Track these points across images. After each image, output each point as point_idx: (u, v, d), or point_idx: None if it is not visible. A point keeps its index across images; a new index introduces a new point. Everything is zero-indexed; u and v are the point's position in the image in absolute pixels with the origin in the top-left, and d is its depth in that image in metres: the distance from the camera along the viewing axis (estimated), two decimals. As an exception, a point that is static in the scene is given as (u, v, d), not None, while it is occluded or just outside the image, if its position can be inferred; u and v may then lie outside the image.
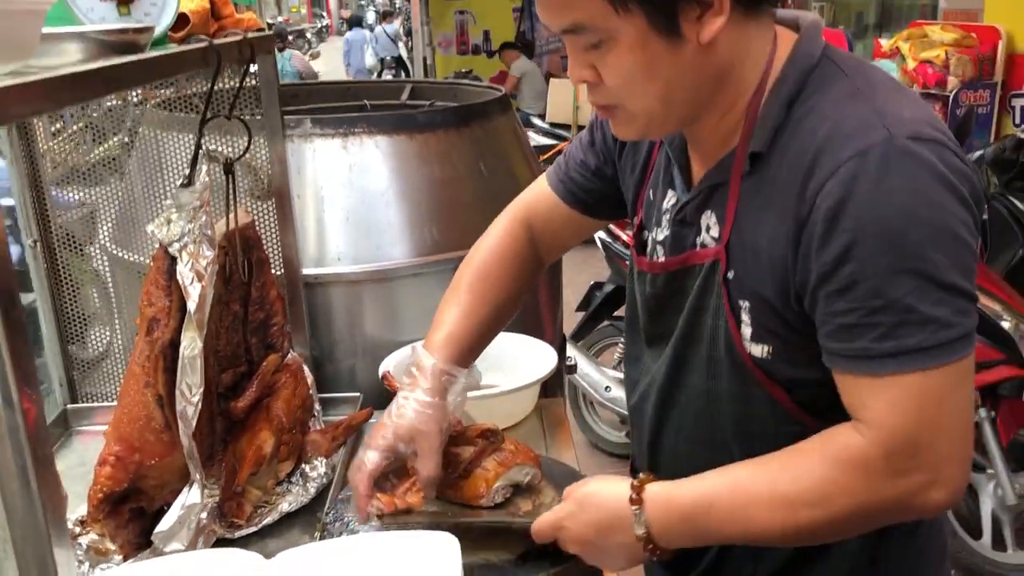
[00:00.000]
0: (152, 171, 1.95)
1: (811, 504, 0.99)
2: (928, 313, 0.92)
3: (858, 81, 1.02)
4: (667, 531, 1.07)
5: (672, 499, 1.06)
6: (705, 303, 1.13)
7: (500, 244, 1.42)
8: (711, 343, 1.13)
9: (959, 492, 0.98)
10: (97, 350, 1.94)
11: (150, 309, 1.32)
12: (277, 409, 1.55)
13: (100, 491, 1.31)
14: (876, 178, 0.92)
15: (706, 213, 1.12)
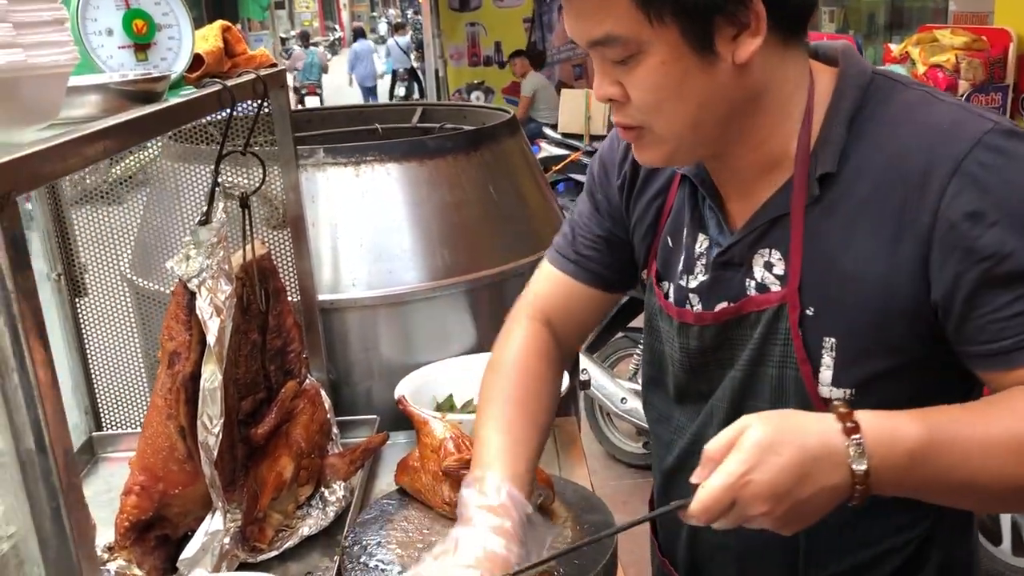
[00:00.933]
0: (170, 202, 2.00)
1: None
2: None
3: (918, 89, 1.01)
4: (889, 470, 0.87)
5: (897, 431, 0.88)
6: (768, 352, 1.06)
7: (527, 356, 1.26)
8: (775, 393, 1.06)
9: None
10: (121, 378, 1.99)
11: (171, 343, 1.37)
12: (296, 435, 1.59)
13: (126, 519, 1.36)
14: (1006, 162, 0.91)
15: (762, 252, 1.05)
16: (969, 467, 0.89)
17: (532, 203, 2.23)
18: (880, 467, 0.87)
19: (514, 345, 1.29)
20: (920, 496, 0.95)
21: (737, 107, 1.00)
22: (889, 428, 0.88)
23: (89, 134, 0.87)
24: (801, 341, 1.02)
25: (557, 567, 1.27)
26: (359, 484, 1.64)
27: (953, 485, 0.91)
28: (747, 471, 0.86)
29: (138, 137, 0.98)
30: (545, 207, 2.29)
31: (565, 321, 1.32)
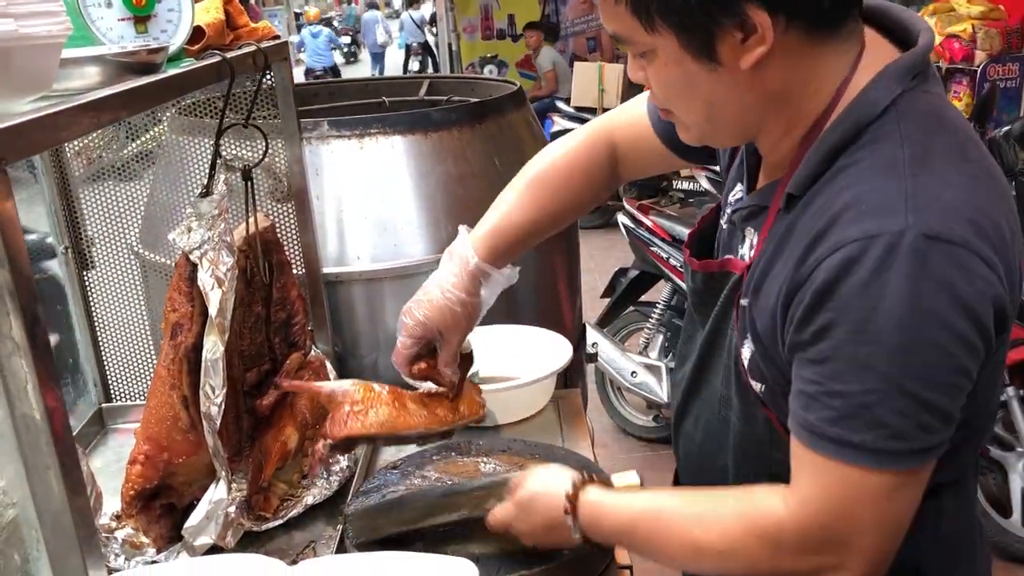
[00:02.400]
0: (176, 175, 2.01)
1: (716, 555, 1.02)
2: (883, 418, 0.89)
3: (909, 148, 0.92)
4: (599, 538, 1.15)
5: (600, 517, 1.13)
6: (727, 313, 1.12)
7: (576, 153, 1.37)
8: (728, 354, 1.13)
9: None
10: (130, 350, 2.01)
11: (174, 315, 1.38)
12: (301, 406, 1.60)
13: (132, 488, 1.38)
14: (874, 270, 0.87)
15: (749, 228, 1.09)
16: (655, 550, 1.09)
17: (538, 176, 2.22)
18: (593, 535, 1.14)
19: (567, 144, 1.38)
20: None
21: (753, 105, 0.99)
22: (595, 514, 1.13)
23: (82, 104, 0.88)
24: (737, 322, 1.08)
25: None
26: (363, 454, 1.65)
27: (650, 557, 1.11)
28: (511, 521, 1.23)
29: (133, 108, 0.98)
30: (551, 180, 2.28)
31: (627, 154, 1.36)
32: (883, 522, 0.94)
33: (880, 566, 0.97)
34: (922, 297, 0.86)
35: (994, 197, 0.93)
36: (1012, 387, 3.12)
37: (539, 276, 2.18)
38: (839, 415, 0.91)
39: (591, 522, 1.13)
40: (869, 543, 0.95)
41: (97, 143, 2.23)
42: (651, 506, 1.10)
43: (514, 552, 1.27)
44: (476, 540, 1.31)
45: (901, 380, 0.88)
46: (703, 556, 1.03)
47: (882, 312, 0.87)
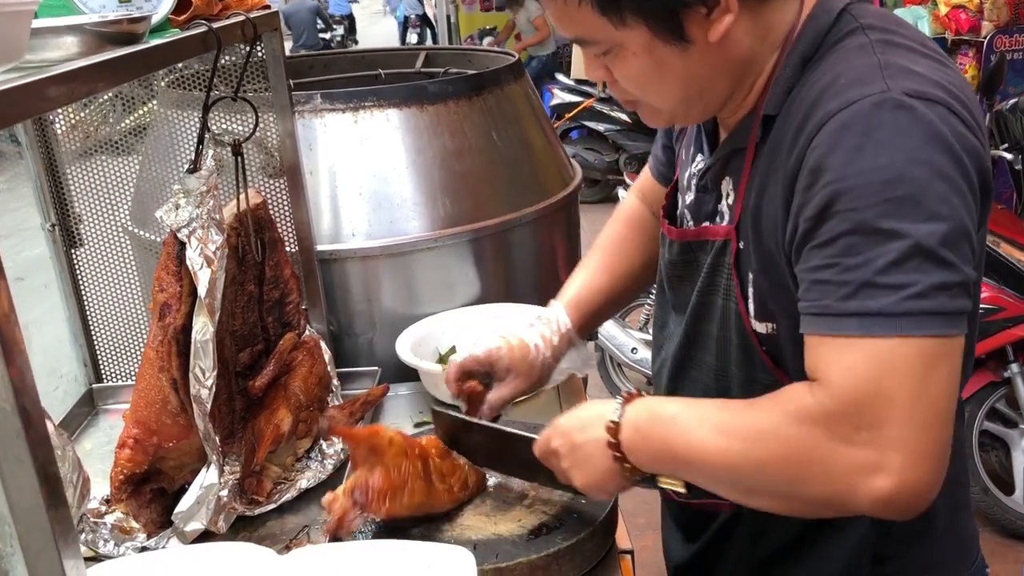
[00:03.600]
0: (166, 150, 1.96)
1: (745, 438, 0.94)
2: (901, 279, 0.86)
3: (874, 35, 0.96)
4: (634, 431, 1.04)
5: (648, 401, 1.06)
6: (716, 282, 1.11)
7: (625, 217, 1.46)
8: (721, 323, 1.12)
9: (915, 494, 0.87)
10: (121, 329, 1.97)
11: (162, 295, 1.34)
12: (294, 387, 1.57)
13: (121, 473, 1.34)
14: (864, 131, 0.87)
15: (725, 180, 1.09)
16: (689, 438, 0.99)
17: (537, 150, 2.17)
18: (628, 428, 1.04)
19: (617, 214, 1.50)
20: (672, 470, 1.04)
21: (724, 74, 1.02)
22: (648, 402, 1.06)
23: (55, 75, 0.83)
24: (737, 276, 1.06)
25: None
26: (358, 436, 1.62)
27: (680, 450, 1.00)
28: (558, 422, 1.15)
29: (110, 80, 0.93)
30: (551, 154, 2.23)
31: (650, 199, 1.44)
32: (919, 404, 0.86)
33: (927, 476, 0.87)
34: (917, 148, 0.87)
35: (959, 78, 0.96)
36: (1016, 363, 3.09)
37: (538, 253, 2.14)
38: (856, 287, 0.88)
39: (638, 407, 1.05)
40: (908, 434, 0.86)
41: (92, 118, 2.18)
42: (694, 403, 1.04)
43: (518, 535, 1.24)
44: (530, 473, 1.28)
45: (911, 235, 0.86)
46: (732, 440, 0.95)
47: (878, 170, 0.86)
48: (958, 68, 1.02)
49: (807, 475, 0.91)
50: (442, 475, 1.31)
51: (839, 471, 0.88)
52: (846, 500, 0.90)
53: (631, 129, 7.02)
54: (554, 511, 1.30)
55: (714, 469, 0.98)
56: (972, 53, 4.84)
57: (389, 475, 1.23)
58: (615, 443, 1.05)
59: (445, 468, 1.32)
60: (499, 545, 1.24)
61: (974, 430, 3.12)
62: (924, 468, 0.87)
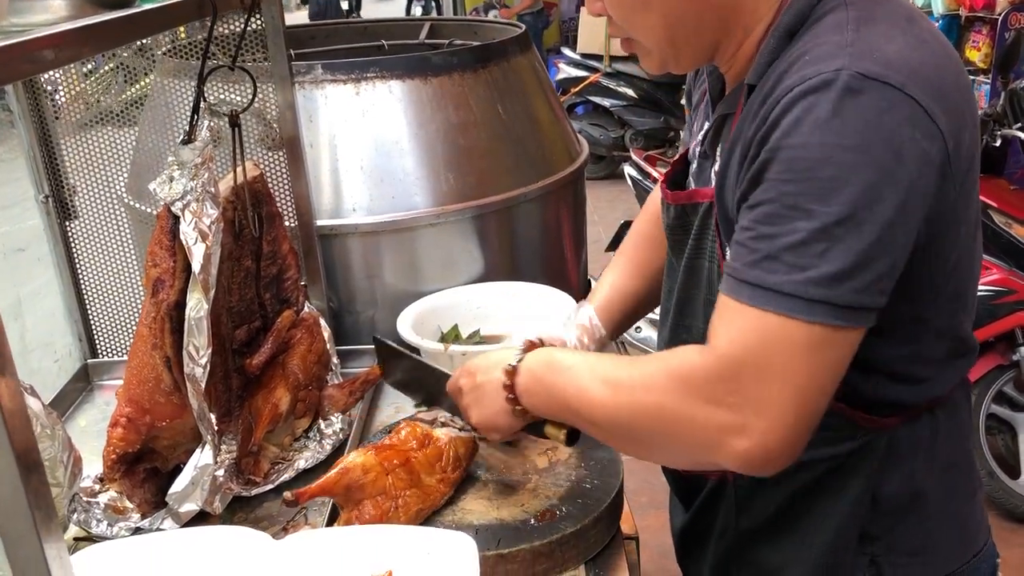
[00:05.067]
0: (164, 120, 1.91)
1: (626, 389, 0.99)
2: (803, 261, 0.86)
3: (855, 11, 0.94)
4: (529, 376, 1.11)
5: (548, 349, 1.15)
6: (702, 245, 1.12)
7: (644, 217, 1.44)
8: (708, 287, 1.12)
9: (769, 459, 0.91)
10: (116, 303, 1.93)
11: (155, 270, 1.30)
12: (293, 365, 1.53)
13: (113, 452, 1.31)
14: (806, 108, 0.86)
15: (719, 146, 1.10)
16: (576, 385, 1.04)
17: (544, 124, 2.12)
18: (525, 371, 1.12)
19: (642, 214, 1.47)
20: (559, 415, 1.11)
21: (707, 19, 1.01)
22: (548, 350, 1.14)
23: (35, 39, 0.79)
24: (719, 236, 1.06)
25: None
26: (358, 416, 1.58)
27: (569, 397, 1.06)
28: (468, 365, 1.24)
29: (97, 45, 0.89)
30: (558, 129, 2.18)
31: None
32: (792, 380, 0.88)
33: (784, 445, 0.90)
34: (852, 133, 0.85)
35: (940, 56, 0.93)
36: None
37: (543, 229, 2.10)
38: (760, 257, 0.89)
39: (537, 354, 1.13)
40: (775, 402, 0.88)
41: (94, 88, 2.14)
42: (592, 355, 1.13)
43: (522, 520, 1.21)
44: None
45: (826, 220, 0.85)
46: (615, 390, 1.00)
47: (811, 147, 0.86)
48: (948, 45, 0.98)
49: (674, 430, 0.96)
50: (430, 466, 1.27)
51: (704, 430, 0.93)
52: (709, 455, 0.94)
53: (637, 105, 6.95)
54: (558, 496, 1.27)
55: (596, 417, 1.03)
56: (986, 30, 4.75)
57: (378, 503, 1.20)
58: (509, 385, 1.13)
59: (430, 456, 1.28)
60: (501, 531, 1.21)
61: (981, 413, 3.09)
62: (782, 438, 0.90)
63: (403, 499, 1.21)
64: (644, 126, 6.86)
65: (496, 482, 1.32)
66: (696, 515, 1.26)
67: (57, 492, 1.25)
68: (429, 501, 1.25)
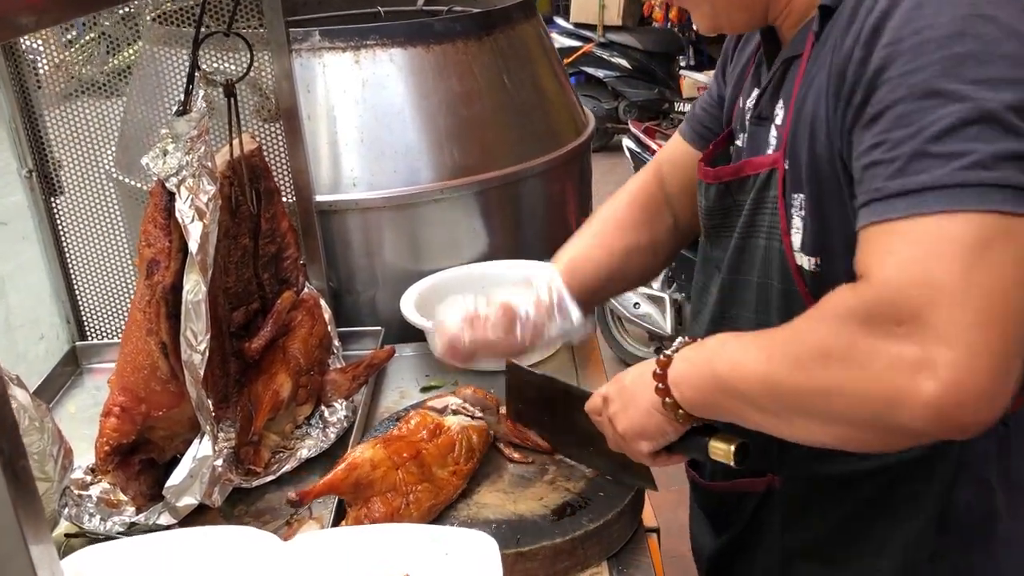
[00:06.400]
0: (153, 91, 1.82)
1: (779, 345, 0.84)
2: (956, 147, 0.74)
3: None
4: (682, 358, 0.96)
5: (706, 339, 0.96)
6: (758, 220, 1.02)
7: (630, 190, 1.35)
8: (762, 267, 1.02)
9: (968, 400, 0.72)
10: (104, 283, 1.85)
11: (149, 250, 1.22)
12: (294, 349, 1.46)
13: (106, 444, 1.23)
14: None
15: (779, 103, 1.00)
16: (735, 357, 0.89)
17: (550, 95, 2.04)
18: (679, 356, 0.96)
19: (621, 191, 1.37)
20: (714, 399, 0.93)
21: None
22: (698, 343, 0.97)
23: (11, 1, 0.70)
24: (783, 206, 0.96)
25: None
26: (362, 402, 1.51)
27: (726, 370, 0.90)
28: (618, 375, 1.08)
29: (77, 8, 0.80)
30: (564, 100, 2.10)
31: (672, 180, 1.32)
32: (972, 291, 0.72)
33: (981, 381, 0.71)
34: (985, 2, 0.76)
35: None
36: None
37: (548, 206, 2.02)
38: (905, 160, 0.76)
39: (689, 348, 0.97)
40: (958, 325, 0.71)
41: (75, 58, 2.04)
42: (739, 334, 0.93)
43: (541, 515, 1.15)
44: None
45: (973, 98, 0.74)
46: (774, 348, 0.84)
47: (940, 26, 0.76)
48: None
49: (845, 382, 0.78)
50: (441, 458, 1.21)
51: (879, 371, 0.75)
52: (890, 408, 0.75)
53: (631, 76, 6.84)
54: (578, 489, 1.21)
55: (752, 388, 0.86)
56: None
57: (388, 500, 1.13)
58: (661, 374, 0.97)
59: (442, 447, 1.22)
60: (520, 526, 1.14)
61: None
62: (979, 368, 0.71)
63: (415, 495, 1.15)
64: (638, 97, 6.76)
65: (512, 473, 1.26)
66: (734, 537, 1.19)
67: (47, 487, 1.18)
68: (442, 496, 1.18)
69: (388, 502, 1.13)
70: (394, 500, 1.13)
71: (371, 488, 1.13)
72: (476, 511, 1.18)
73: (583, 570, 1.14)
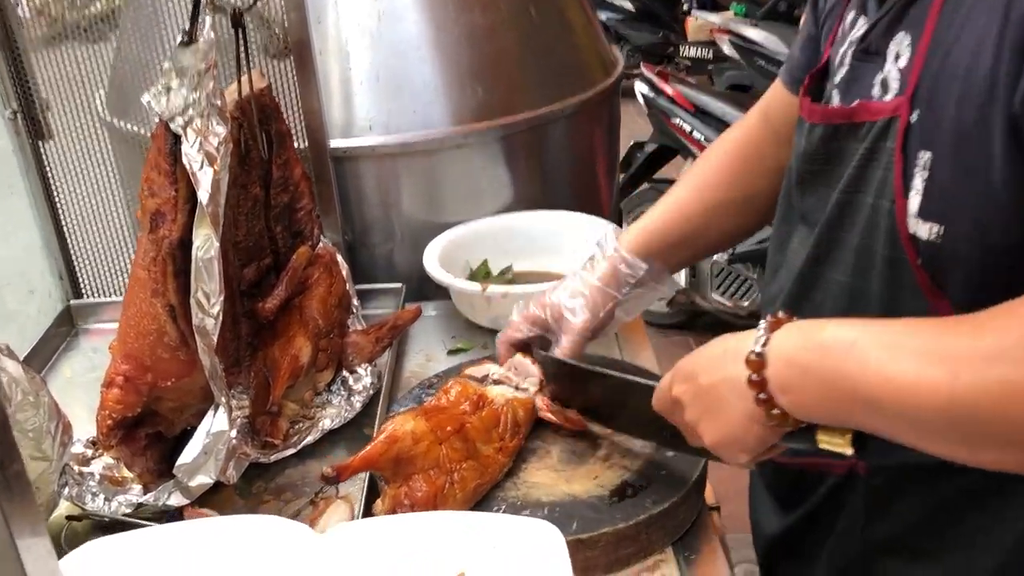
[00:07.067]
0: (149, 24, 1.66)
1: (981, 360, 0.67)
2: None
3: None
4: (788, 365, 0.77)
5: (805, 326, 0.79)
6: (867, 174, 0.87)
7: (732, 137, 1.24)
8: (866, 228, 0.88)
9: None
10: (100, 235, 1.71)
11: (152, 200, 1.08)
12: (311, 310, 1.33)
13: (109, 417, 1.11)
14: None
15: (897, 37, 0.85)
16: (885, 368, 0.71)
17: (578, 30, 1.89)
18: (778, 359, 0.78)
19: (719, 141, 1.25)
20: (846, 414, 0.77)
21: None
22: (799, 324, 0.80)
23: None
24: (902, 162, 0.83)
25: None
26: (386, 367, 1.39)
27: (871, 388, 0.72)
28: (681, 363, 0.92)
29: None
30: (591, 35, 1.95)
31: (781, 125, 1.15)
32: None
33: None
34: None
35: None
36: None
37: (576, 152, 1.88)
38: None
39: (787, 332, 0.79)
40: None
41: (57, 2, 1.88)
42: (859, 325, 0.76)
43: (598, 497, 1.03)
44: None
45: None
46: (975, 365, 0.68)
47: None
48: None
49: None
50: (486, 433, 1.08)
51: None
52: None
53: (635, 19, 6.61)
54: (636, 467, 1.09)
55: (927, 412, 0.70)
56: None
57: (430, 478, 1.01)
58: (759, 380, 0.79)
59: (486, 421, 1.09)
60: (575, 509, 1.02)
61: None
62: None
63: (459, 473, 1.03)
64: (642, 41, 6.54)
65: (562, 448, 1.13)
66: (804, 518, 1.08)
67: (44, 467, 1.06)
68: (488, 474, 1.06)
69: (431, 480, 1.01)
70: (437, 478, 1.01)
71: (412, 465, 1.01)
72: (525, 492, 1.06)
73: (646, 557, 1.03)
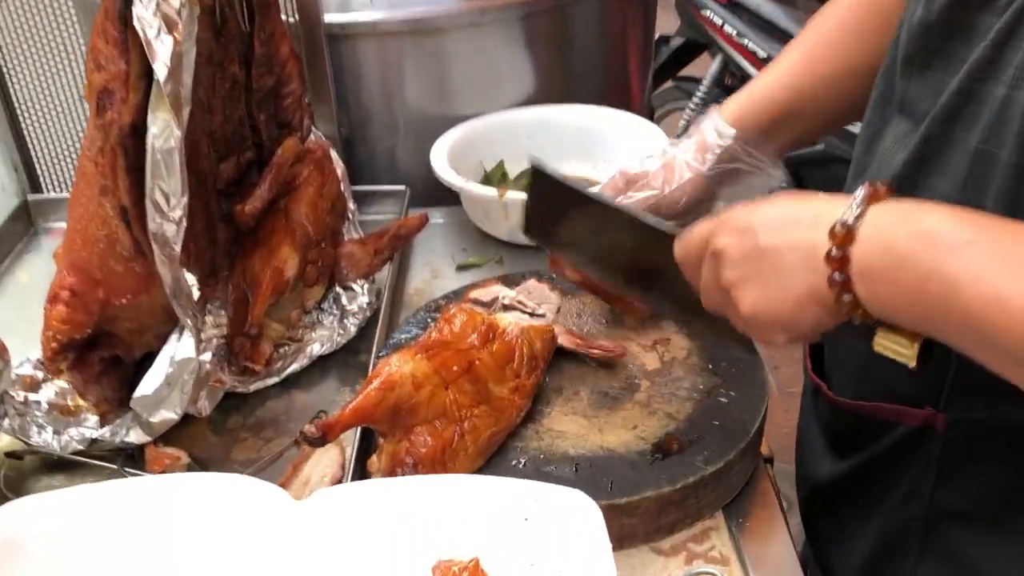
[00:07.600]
0: None
1: None
2: None
3: None
4: (883, 244, 0.64)
5: (909, 208, 0.65)
6: (1002, 57, 0.69)
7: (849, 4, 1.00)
8: (992, 127, 0.70)
9: None
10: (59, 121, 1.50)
11: (99, 76, 0.87)
12: (299, 214, 1.14)
13: (54, 339, 0.93)
14: None
15: None
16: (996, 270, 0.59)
17: None
18: (869, 237, 0.64)
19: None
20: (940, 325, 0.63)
21: None
22: (907, 208, 0.65)
23: None
24: None
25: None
26: (386, 284, 1.20)
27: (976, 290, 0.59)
28: (727, 216, 0.75)
29: None
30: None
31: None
32: None
33: None
34: None
35: None
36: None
37: (605, 36, 1.65)
38: None
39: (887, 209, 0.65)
40: None
41: None
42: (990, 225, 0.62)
43: (638, 452, 0.86)
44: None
45: None
46: None
47: None
48: None
49: None
50: (499, 371, 0.90)
51: None
52: None
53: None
54: (684, 414, 0.91)
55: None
56: None
57: (436, 429, 0.83)
58: (840, 257, 0.65)
59: (498, 356, 0.91)
60: (611, 467, 0.85)
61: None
62: None
63: (470, 421, 0.85)
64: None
65: (592, 390, 0.96)
66: (862, 470, 0.90)
67: (-25, 397, 0.88)
68: (504, 420, 0.88)
69: (437, 433, 0.83)
70: (445, 430, 0.83)
71: (414, 415, 0.83)
72: (550, 442, 0.89)
73: (693, 524, 0.86)
